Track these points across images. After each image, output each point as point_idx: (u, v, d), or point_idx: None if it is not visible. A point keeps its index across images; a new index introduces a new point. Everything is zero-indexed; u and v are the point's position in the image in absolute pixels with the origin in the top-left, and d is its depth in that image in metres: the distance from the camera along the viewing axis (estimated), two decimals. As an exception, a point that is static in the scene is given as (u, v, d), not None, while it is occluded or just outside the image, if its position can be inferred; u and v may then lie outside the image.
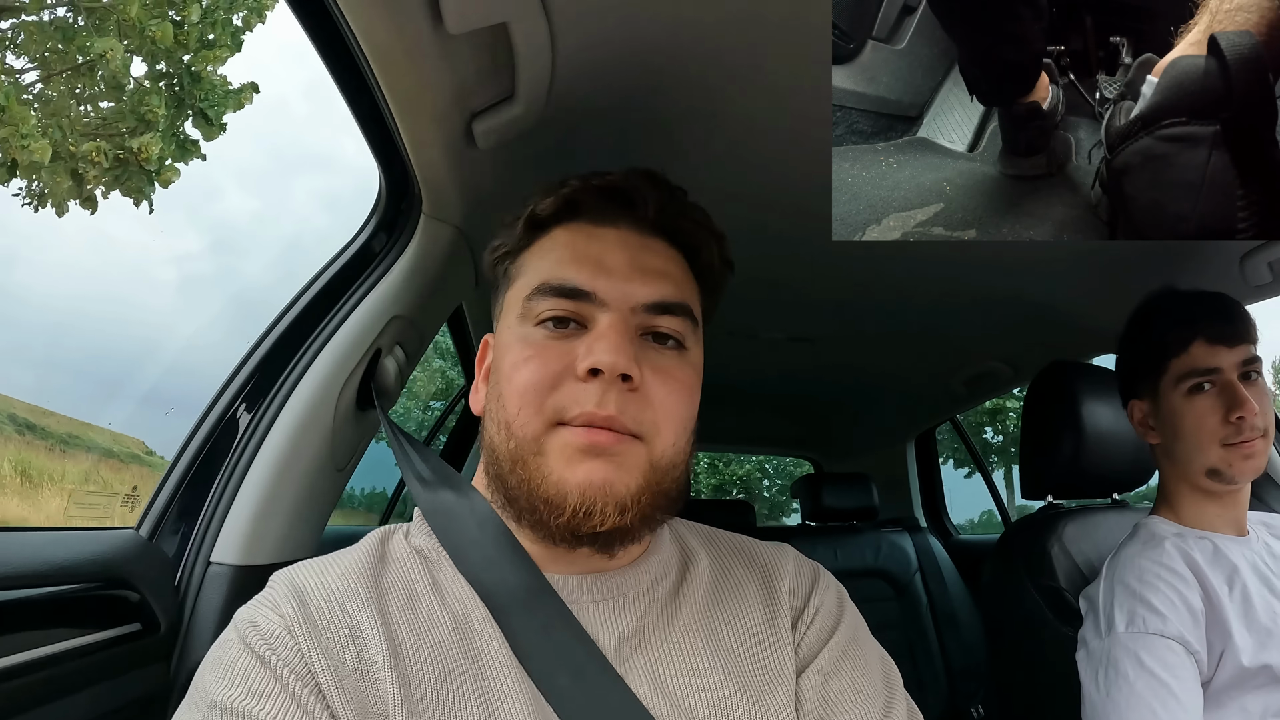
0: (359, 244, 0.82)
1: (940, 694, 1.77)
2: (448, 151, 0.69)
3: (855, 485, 1.97)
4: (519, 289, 0.49)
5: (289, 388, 0.73)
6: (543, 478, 0.43)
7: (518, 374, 0.45)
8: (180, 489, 0.70)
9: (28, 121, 3.95)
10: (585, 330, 0.46)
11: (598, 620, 0.46)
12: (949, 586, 1.87)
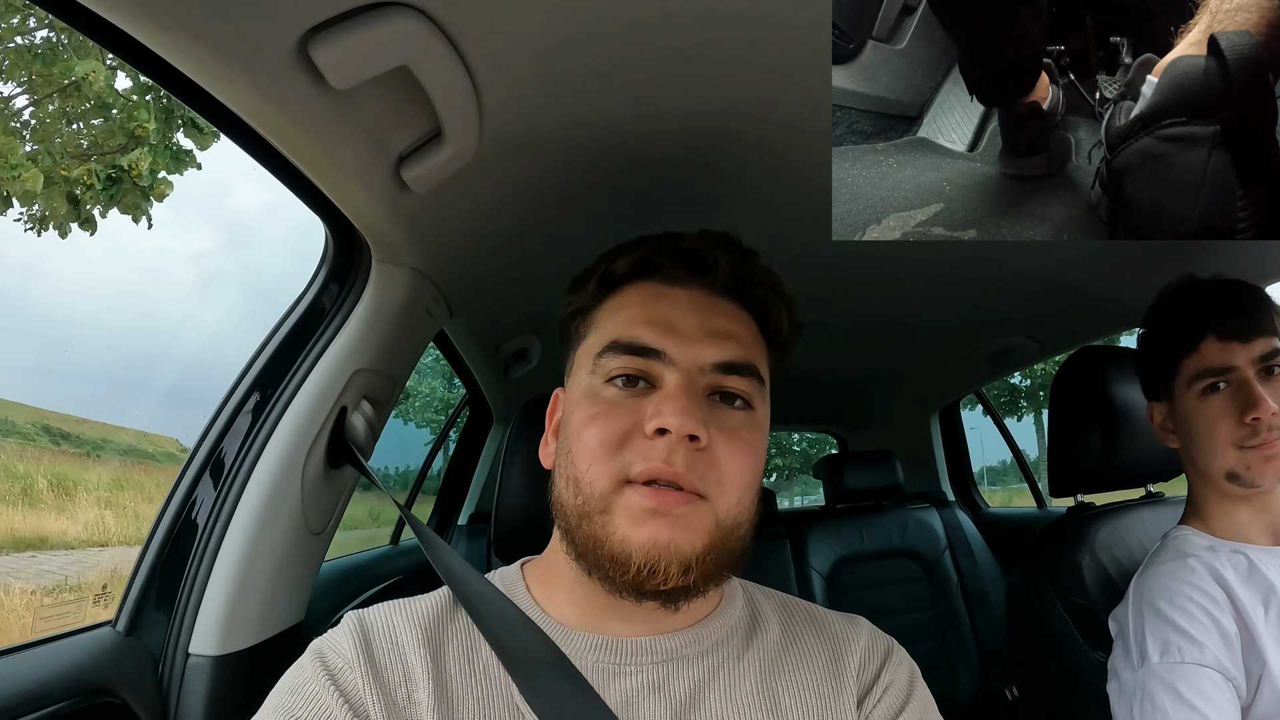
0: (309, 299, 0.78)
1: (973, 674, 1.74)
2: (379, 200, 0.65)
3: (879, 463, 1.91)
4: (590, 345, 0.51)
5: (251, 461, 0.71)
6: (608, 535, 0.44)
7: (587, 431, 0.46)
8: (153, 578, 0.68)
9: (16, 151, 3.89)
10: (654, 389, 0.47)
11: (657, 680, 0.47)
12: (979, 563, 1.83)
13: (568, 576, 0.49)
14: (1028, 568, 1.00)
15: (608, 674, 0.47)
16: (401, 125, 0.58)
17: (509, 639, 0.48)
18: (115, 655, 0.62)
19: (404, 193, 0.65)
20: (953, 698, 1.74)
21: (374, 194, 0.64)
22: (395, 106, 0.56)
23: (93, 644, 0.62)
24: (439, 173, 0.64)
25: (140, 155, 4.23)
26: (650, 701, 0.46)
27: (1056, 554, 0.97)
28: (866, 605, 1.77)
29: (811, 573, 1.81)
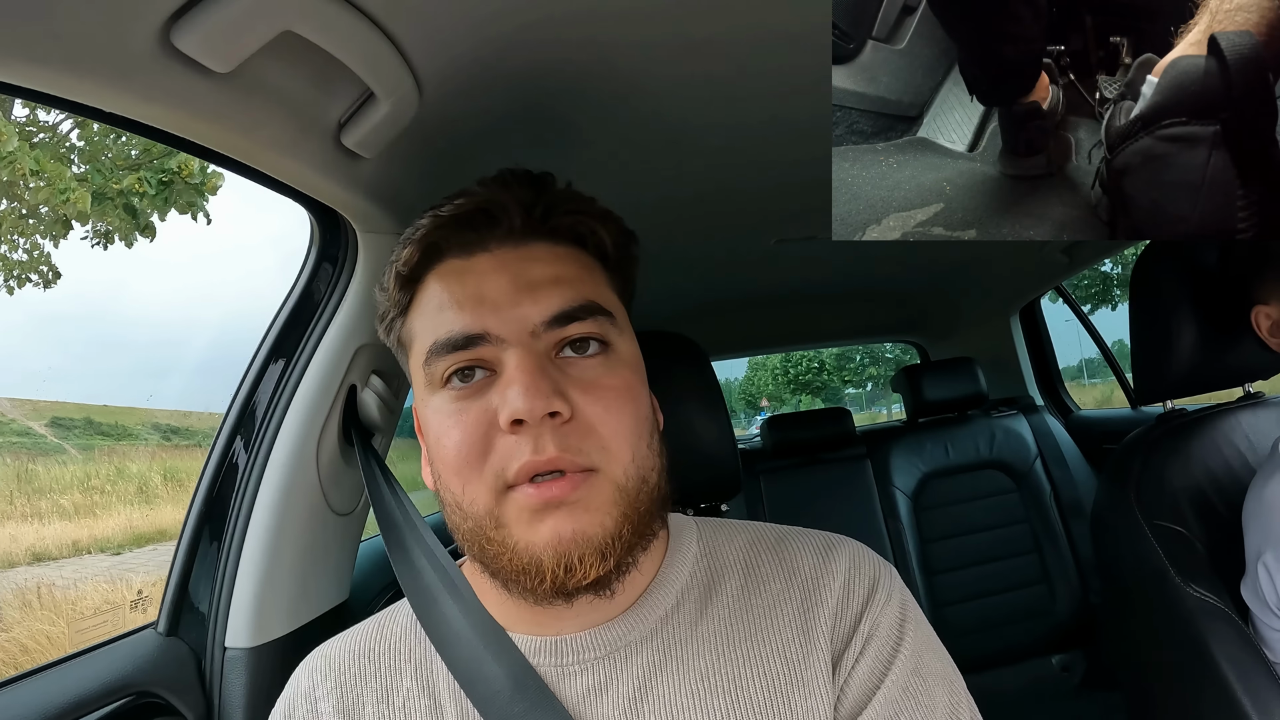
0: (302, 285, 0.77)
1: (1071, 588, 1.68)
2: (333, 174, 0.62)
3: (959, 371, 1.81)
4: (416, 356, 0.45)
5: (265, 451, 0.70)
6: (510, 548, 0.41)
7: (445, 450, 0.42)
8: (186, 577, 0.70)
9: (64, 176, 4.05)
10: (496, 375, 0.42)
11: (601, 678, 0.44)
12: (1073, 471, 1.74)
13: (494, 585, 0.46)
14: (1113, 486, 0.89)
15: (552, 677, 0.44)
16: (326, 92, 0.55)
17: (449, 634, 0.47)
18: (157, 656, 0.65)
19: (355, 160, 0.62)
20: (1050, 613, 1.69)
21: (322, 168, 0.60)
22: (307, 74, 0.52)
23: (136, 648, 0.65)
24: (384, 133, 0.60)
25: (187, 156, 4.35)
26: (599, 703, 0.43)
27: (1144, 470, 0.86)
28: (955, 522, 1.76)
29: (895, 492, 1.75)
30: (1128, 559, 0.84)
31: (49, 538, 5.07)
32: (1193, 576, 0.77)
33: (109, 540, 5.25)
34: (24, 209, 4.47)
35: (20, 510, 5.31)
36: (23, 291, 4.82)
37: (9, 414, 7.40)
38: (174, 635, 0.68)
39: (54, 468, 6.26)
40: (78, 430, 7.84)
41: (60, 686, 0.57)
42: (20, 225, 4.59)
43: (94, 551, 5.17)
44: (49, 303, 18.31)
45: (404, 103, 0.58)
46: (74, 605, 4.44)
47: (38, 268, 4.88)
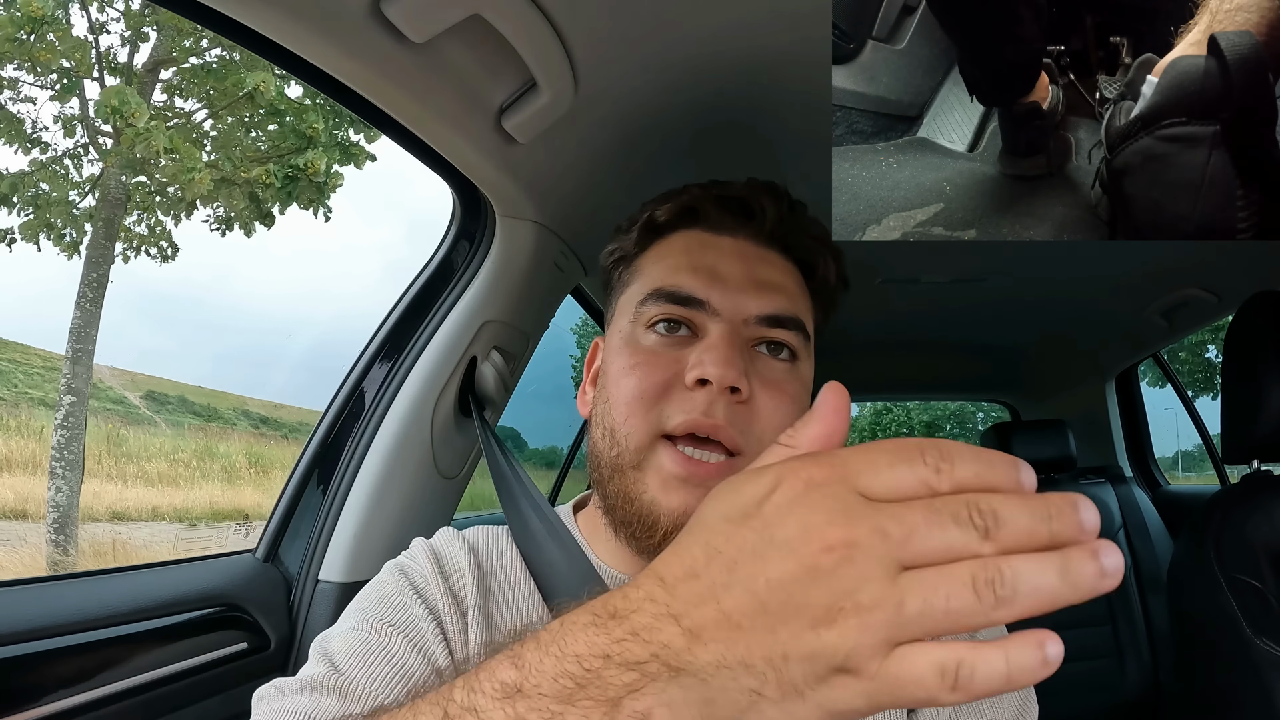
0: (440, 256, 0.84)
1: (1141, 663, 1.65)
2: (488, 154, 0.68)
3: (1049, 433, 1.80)
4: (633, 293, 0.50)
5: (385, 406, 0.76)
6: (638, 494, 0.44)
7: (625, 380, 0.46)
8: (293, 511, 0.75)
9: (193, 156, 4.43)
10: (695, 338, 0.47)
11: None
12: (1155, 544, 1.71)
13: (604, 526, 0.49)
14: (1192, 539, 0.92)
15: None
16: (495, 76, 0.61)
17: (551, 573, 0.48)
18: (251, 578, 0.70)
19: (509, 144, 0.67)
20: (1118, 689, 1.66)
21: (479, 146, 0.67)
22: (482, 57, 0.58)
23: (232, 566, 0.70)
24: (540, 121, 0.65)
25: (315, 155, 4.69)
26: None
27: (1225, 525, 0.87)
28: None
29: None
30: (1201, 610, 0.85)
31: (130, 500, 5.26)
32: (1264, 630, 0.77)
33: (188, 511, 5.44)
34: (152, 185, 4.86)
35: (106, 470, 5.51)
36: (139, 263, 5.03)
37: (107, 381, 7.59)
38: (270, 562, 0.73)
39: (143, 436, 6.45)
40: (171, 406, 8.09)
41: (160, 584, 0.62)
42: (147, 201, 4.98)
43: (171, 520, 5.35)
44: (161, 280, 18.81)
45: (561, 95, 0.63)
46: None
47: (157, 243, 5.28)
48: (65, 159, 4.88)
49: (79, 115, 4.80)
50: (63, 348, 4.49)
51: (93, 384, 5.95)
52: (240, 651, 0.65)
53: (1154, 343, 1.79)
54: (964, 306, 1.59)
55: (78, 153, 4.87)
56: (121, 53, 4.82)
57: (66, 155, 4.88)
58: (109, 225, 4.76)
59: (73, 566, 4.10)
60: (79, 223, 4.88)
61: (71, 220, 4.87)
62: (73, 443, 4.30)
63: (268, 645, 0.67)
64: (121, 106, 3.95)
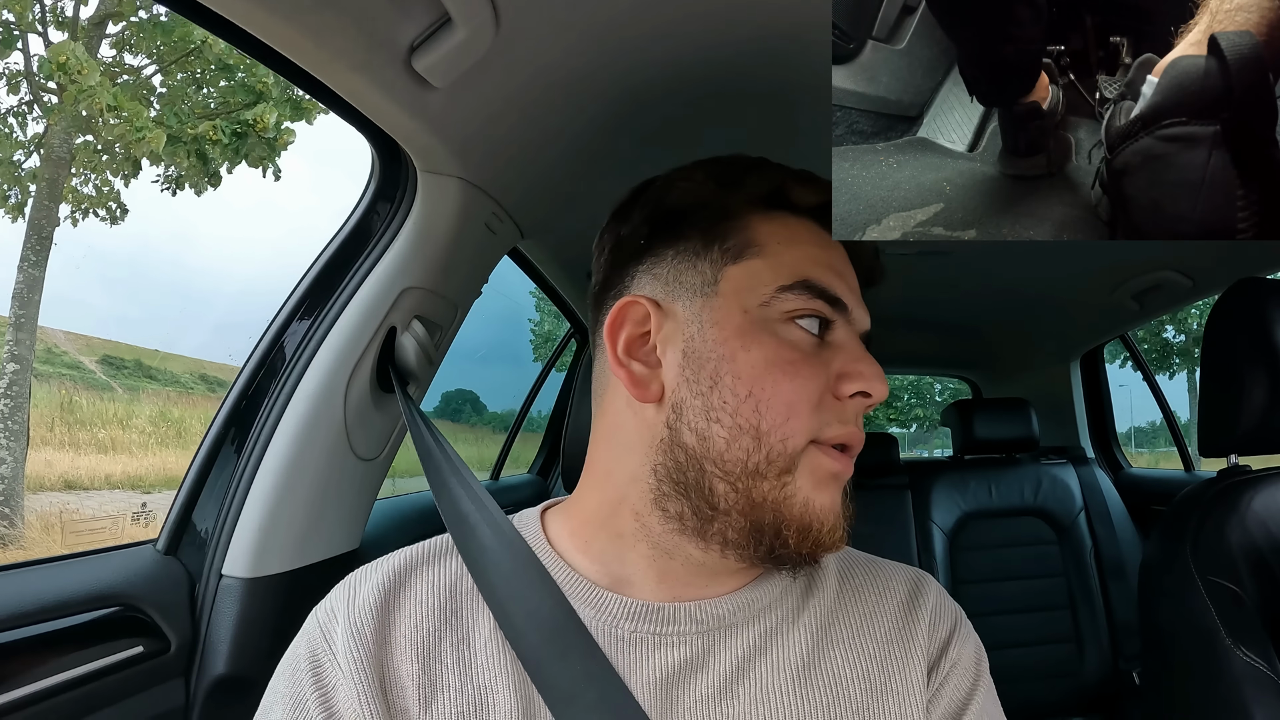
0: (356, 218, 0.76)
1: (1101, 651, 1.65)
2: (400, 100, 0.61)
3: (1012, 412, 1.80)
4: (758, 270, 0.44)
5: (291, 384, 0.70)
6: (790, 497, 0.41)
7: (788, 381, 0.42)
8: (193, 499, 0.69)
9: (141, 115, 4.29)
10: (828, 343, 0.45)
11: (699, 652, 0.43)
12: (1117, 530, 1.71)
13: (630, 532, 0.44)
14: (1167, 539, 0.88)
15: (645, 645, 0.42)
16: (403, 9, 0.55)
17: (510, 595, 0.43)
18: (150, 573, 0.64)
19: (423, 87, 0.61)
20: (1077, 675, 1.65)
21: (389, 90, 0.60)
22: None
23: (130, 560, 0.64)
24: (455, 62, 0.59)
25: (264, 109, 4.49)
26: (693, 679, 0.42)
27: (1201, 524, 0.83)
28: (990, 566, 1.71)
29: (933, 528, 1.71)
30: (1176, 615, 0.82)
31: (82, 468, 5.16)
32: (1243, 639, 0.74)
33: (141, 479, 5.34)
34: (99, 144, 4.68)
35: (59, 438, 5.40)
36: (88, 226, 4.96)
37: (62, 346, 7.51)
38: (172, 555, 0.67)
39: (98, 402, 6.35)
40: (127, 371, 7.99)
41: (46, 584, 0.56)
42: (93, 160, 4.80)
43: (125, 487, 5.26)
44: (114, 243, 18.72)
45: (480, 33, 0.57)
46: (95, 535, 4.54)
47: (105, 203, 5.14)
48: (9, 117, 4.71)
49: (23, 71, 4.63)
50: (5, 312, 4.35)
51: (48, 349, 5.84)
52: (136, 656, 0.59)
53: (1123, 324, 1.78)
54: (930, 281, 1.54)
55: (21, 110, 4.71)
56: (67, 6, 4.66)
57: (10, 113, 4.71)
58: (53, 185, 4.60)
59: (19, 540, 4.01)
60: (23, 183, 4.69)
61: (15, 180, 4.69)
62: (16, 411, 4.20)
63: (167, 648, 0.62)
64: (68, 63, 3.80)
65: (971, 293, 1.66)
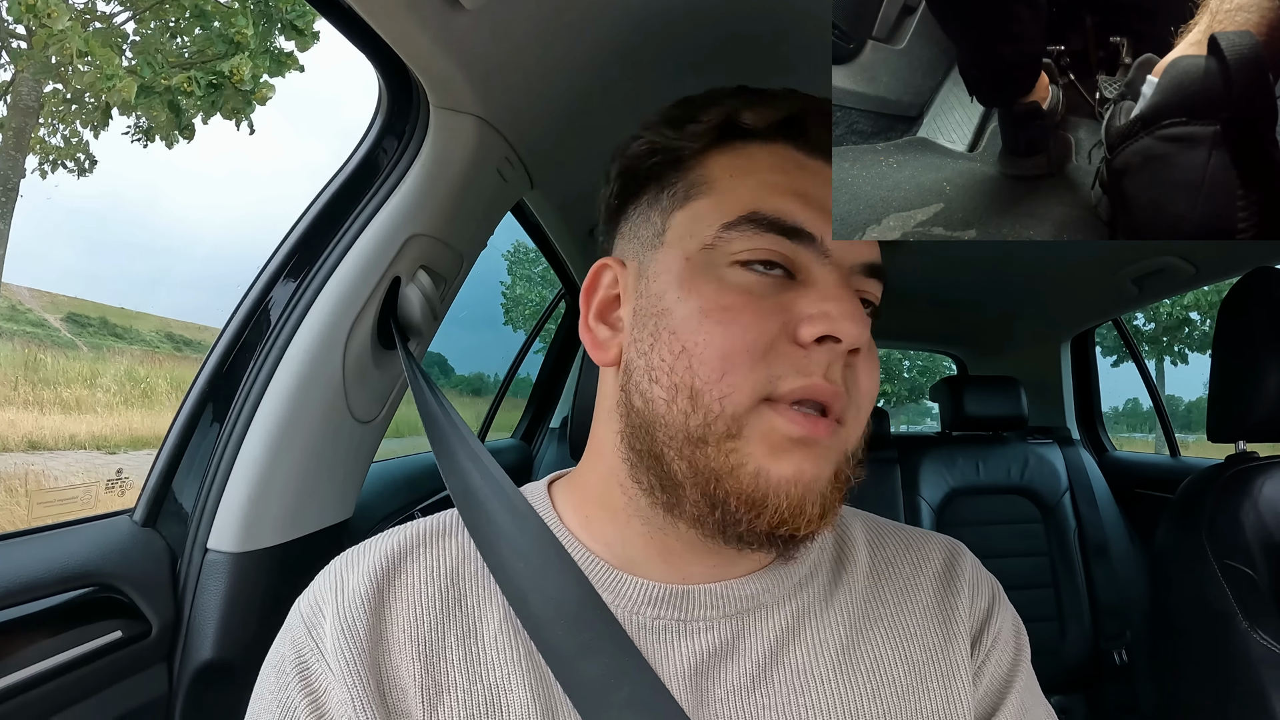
0: (360, 156, 0.69)
1: (1083, 630, 1.66)
2: (425, 19, 0.55)
3: (1002, 390, 1.79)
4: (704, 211, 0.40)
5: (287, 335, 0.63)
6: (737, 466, 0.36)
7: (720, 329, 0.37)
8: (173, 466, 0.62)
9: (113, 62, 4.14)
10: (793, 282, 0.39)
11: (729, 637, 0.40)
12: (1101, 511, 1.73)
13: (622, 507, 0.41)
14: (1181, 519, 0.88)
15: (672, 633, 0.39)
16: None
17: (528, 580, 0.39)
18: (127, 547, 0.58)
19: (453, 8, 0.55)
20: (1058, 653, 1.66)
21: (418, 7, 0.54)
22: None
23: (105, 533, 0.58)
24: None
25: (241, 61, 4.45)
26: (724, 667, 0.39)
27: (1216, 509, 0.84)
28: (975, 543, 1.66)
29: (921, 503, 1.72)
30: (1192, 599, 0.82)
31: (47, 428, 5.08)
32: (1259, 622, 0.75)
33: (106, 439, 5.26)
34: (68, 93, 4.48)
35: (23, 397, 5.31)
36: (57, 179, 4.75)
37: (26, 303, 7.44)
38: (150, 527, 0.61)
39: (62, 360, 6.25)
40: (92, 329, 7.91)
41: (10, 562, 0.50)
42: (63, 110, 4.60)
43: (90, 448, 5.19)
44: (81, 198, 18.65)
45: None
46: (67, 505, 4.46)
47: (74, 154, 4.94)
48: (-27, 63, 4.43)
49: (-11, 14, 4.40)
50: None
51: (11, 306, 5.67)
52: (115, 642, 0.53)
53: (1119, 307, 1.78)
54: (924, 254, 1.52)
55: (-13, 56, 4.45)
56: (38, -53, 4.40)
57: (-25, 59, 4.43)
58: (19, 135, 4.38)
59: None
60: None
61: (-19, 129, 4.46)
62: (-22, 368, 3.99)
63: (148, 632, 0.56)
64: (36, 4, 3.59)
65: (969, 269, 1.62)
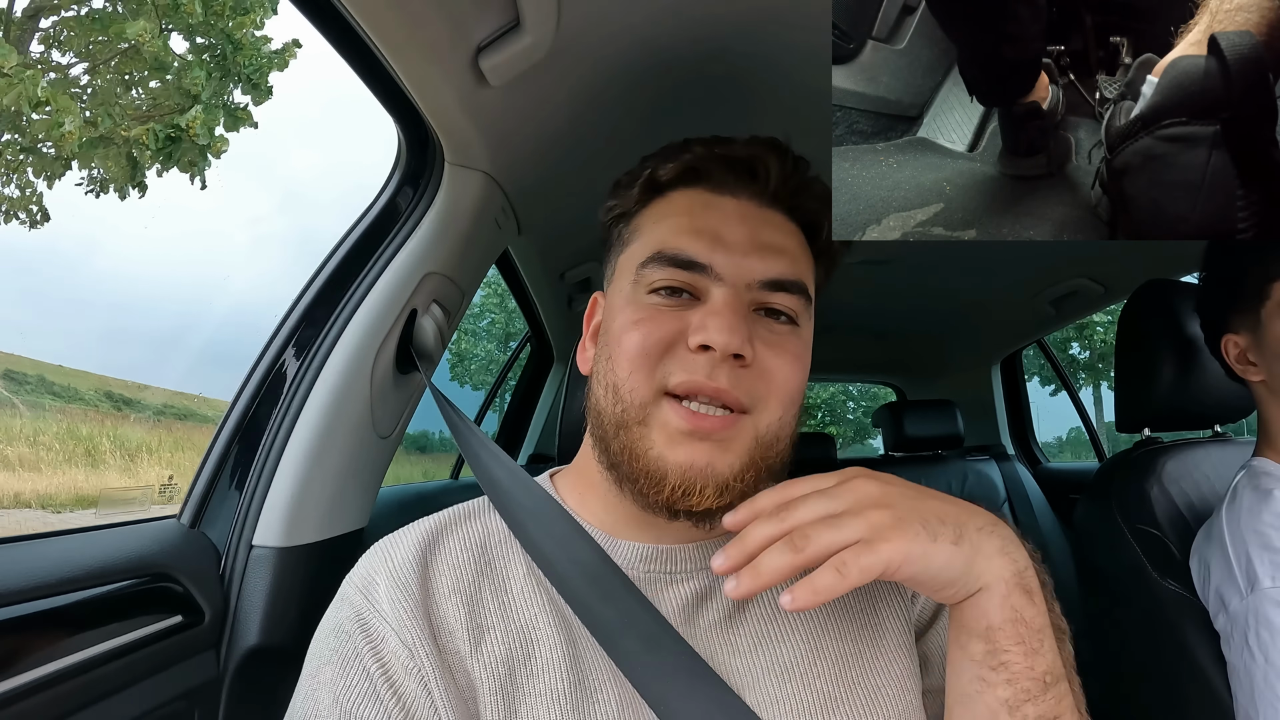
0: (383, 202, 0.80)
1: None
2: (458, 92, 0.66)
3: (939, 412, 1.94)
4: (634, 253, 0.50)
5: (320, 360, 0.73)
6: (644, 450, 0.45)
7: (628, 336, 0.46)
8: (220, 473, 0.70)
9: (72, 110, 4.12)
10: (698, 301, 0.47)
11: (704, 586, 0.48)
12: (1038, 518, 1.84)
13: (599, 483, 0.50)
14: (1095, 496, 1.02)
15: (660, 583, 0.48)
16: (482, 11, 0.60)
17: (551, 546, 0.47)
18: (179, 544, 0.64)
19: (480, 85, 0.66)
20: None
21: (451, 82, 0.65)
22: None
23: (157, 532, 0.65)
24: (516, 64, 0.65)
25: (197, 114, 4.34)
26: (705, 607, 0.47)
27: (1126, 484, 0.97)
28: None
29: None
30: (1108, 559, 0.96)
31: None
32: (1168, 572, 0.87)
33: (51, 498, 5.27)
34: (24, 141, 4.45)
35: None
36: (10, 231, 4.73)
37: None
38: (196, 528, 0.68)
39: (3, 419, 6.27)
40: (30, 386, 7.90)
41: (84, 551, 0.57)
42: (16, 160, 4.58)
43: (35, 506, 5.19)
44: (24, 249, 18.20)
45: (542, 38, 0.63)
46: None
47: (27, 206, 4.84)
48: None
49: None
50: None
51: None
52: (174, 626, 0.59)
53: (1041, 329, 1.94)
54: (862, 289, 1.64)
55: (-61, 106, 4.46)
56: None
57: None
58: None
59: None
60: (-58, 181, 4.43)
61: (-66, 179, 4.42)
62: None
63: (201, 619, 0.62)
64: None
65: (901, 301, 1.77)
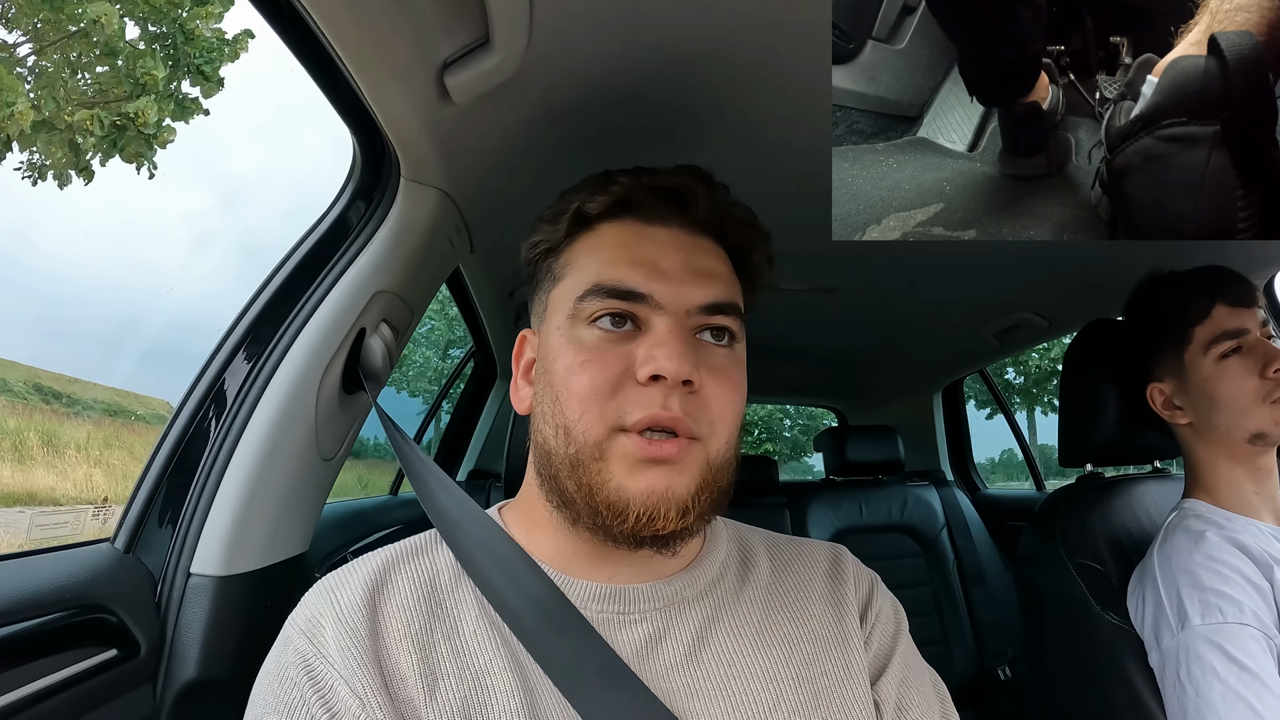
0: (334, 215, 0.77)
1: (967, 652, 1.81)
2: (418, 108, 0.64)
3: (880, 438, 1.97)
4: (567, 288, 0.50)
5: (264, 379, 0.69)
6: (604, 483, 0.45)
7: (575, 378, 0.46)
8: (156, 495, 0.66)
9: (16, 89, 4.04)
10: (639, 331, 0.47)
11: (660, 627, 0.48)
12: (976, 543, 1.90)
13: (547, 520, 0.50)
14: (1039, 529, 1.04)
15: (613, 624, 0.47)
16: (450, 27, 0.58)
17: (502, 580, 0.47)
18: (112, 571, 0.61)
19: (444, 102, 0.65)
20: (947, 673, 1.77)
21: (415, 99, 0.63)
22: (446, 6, 0.56)
23: (89, 559, 0.61)
24: (481, 84, 0.63)
25: (147, 103, 4.30)
26: (661, 648, 0.47)
27: (1069, 517, 0.99)
28: None
29: None
30: (1052, 590, 0.97)
31: None
32: (1109, 605, 0.88)
33: None
34: None
35: None
36: None
37: None
38: (131, 553, 0.64)
39: None
40: None
41: (12, 581, 0.52)
42: None
43: None
44: None
45: (510, 58, 0.61)
46: None
47: None
48: None
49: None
50: None
51: None
52: (108, 660, 0.55)
53: (984, 359, 2.00)
54: (808, 315, 1.67)
55: None
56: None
57: None
58: None
59: None
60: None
61: None
62: None
63: (137, 652, 0.58)
64: None
65: (847, 328, 1.79)
